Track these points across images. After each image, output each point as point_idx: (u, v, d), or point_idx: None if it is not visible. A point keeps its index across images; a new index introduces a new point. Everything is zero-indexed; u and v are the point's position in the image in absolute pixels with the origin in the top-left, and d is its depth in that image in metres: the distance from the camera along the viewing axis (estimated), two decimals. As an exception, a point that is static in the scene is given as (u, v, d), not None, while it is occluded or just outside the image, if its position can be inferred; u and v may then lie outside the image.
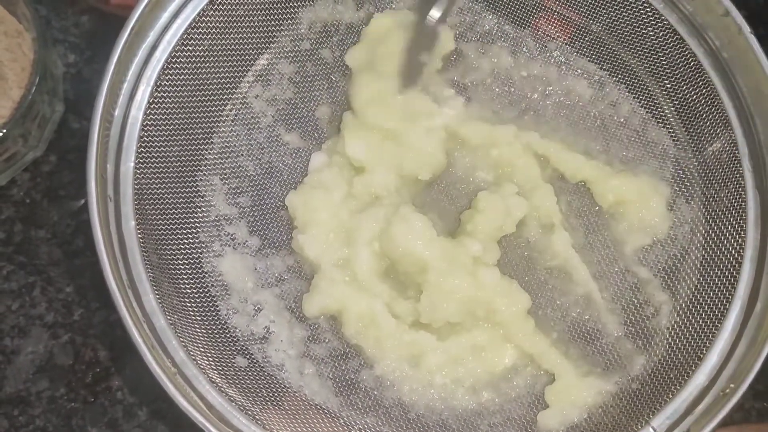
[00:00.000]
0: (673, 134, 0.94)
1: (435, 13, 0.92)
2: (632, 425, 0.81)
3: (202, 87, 0.90)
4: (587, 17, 0.96)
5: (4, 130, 0.90)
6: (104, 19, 1.02)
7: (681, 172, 0.93)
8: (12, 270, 0.96)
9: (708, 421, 0.77)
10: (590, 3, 0.95)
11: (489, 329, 0.87)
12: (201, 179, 0.91)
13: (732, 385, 0.79)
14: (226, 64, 0.92)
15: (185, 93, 0.89)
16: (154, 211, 0.85)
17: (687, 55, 0.91)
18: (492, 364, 0.87)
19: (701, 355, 0.82)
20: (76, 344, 0.94)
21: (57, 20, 1.03)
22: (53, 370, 0.93)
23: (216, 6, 0.88)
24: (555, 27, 0.97)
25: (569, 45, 0.97)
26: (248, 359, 0.86)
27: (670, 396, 0.81)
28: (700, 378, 0.81)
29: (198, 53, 0.89)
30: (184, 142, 0.89)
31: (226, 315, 0.87)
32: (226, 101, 0.93)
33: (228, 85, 0.93)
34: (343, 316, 0.87)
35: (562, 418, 0.84)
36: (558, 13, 0.96)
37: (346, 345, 0.87)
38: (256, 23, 0.93)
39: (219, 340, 0.85)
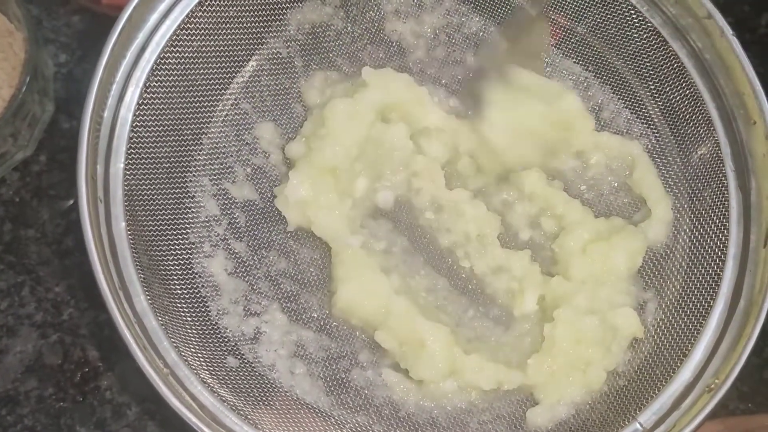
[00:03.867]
0: (658, 134, 0.95)
1: None
2: (619, 421, 0.82)
3: (191, 88, 0.90)
4: (572, 20, 0.96)
5: (-6, 130, 0.90)
6: (95, 19, 1.02)
7: (665, 171, 0.94)
8: (1, 269, 0.96)
9: (694, 416, 0.78)
10: (575, 5, 0.96)
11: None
12: (191, 180, 0.91)
13: (717, 380, 0.80)
14: (215, 65, 0.92)
15: (174, 94, 0.89)
16: (144, 213, 0.85)
17: (670, 57, 0.92)
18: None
19: (686, 352, 0.83)
20: (65, 344, 0.94)
21: (48, 20, 1.03)
22: (42, 369, 0.93)
23: (205, 7, 0.88)
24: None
25: (555, 47, 0.97)
26: (239, 359, 0.86)
27: (657, 392, 0.82)
28: (685, 374, 0.82)
29: (187, 54, 0.89)
30: (174, 143, 0.89)
31: (216, 316, 0.87)
32: (216, 102, 0.93)
33: (217, 86, 0.93)
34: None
35: (551, 415, 0.85)
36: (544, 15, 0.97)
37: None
38: (244, 25, 0.93)
39: (210, 341, 0.85)
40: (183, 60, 0.88)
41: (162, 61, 0.86)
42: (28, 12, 0.93)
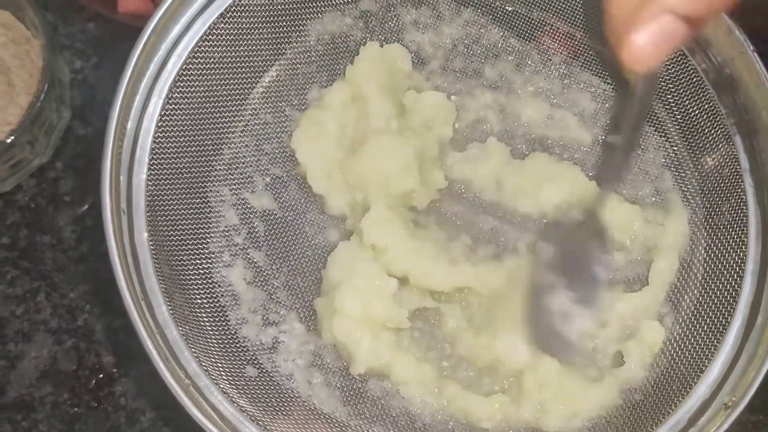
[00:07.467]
0: (675, 148, 0.95)
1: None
2: (635, 437, 0.83)
3: (212, 99, 0.91)
4: (590, 34, 0.96)
5: (13, 137, 0.90)
6: (111, 26, 1.02)
7: (682, 185, 0.94)
8: (17, 275, 0.96)
9: (710, 433, 0.79)
10: (593, 22, 0.95)
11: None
12: (211, 190, 0.91)
13: (734, 398, 0.80)
14: (236, 75, 0.92)
15: (196, 105, 0.89)
16: (165, 223, 0.86)
17: (689, 71, 0.92)
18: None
19: (703, 368, 0.83)
20: (79, 349, 0.94)
21: (63, 26, 1.03)
22: (57, 375, 0.93)
23: (226, 19, 0.89)
24: (559, 43, 0.97)
25: (573, 59, 0.97)
26: (258, 369, 0.86)
27: (673, 408, 0.82)
28: (702, 390, 0.82)
29: (208, 65, 0.89)
30: (195, 153, 0.89)
31: (235, 325, 0.87)
32: (237, 113, 0.93)
33: (238, 96, 0.93)
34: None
35: (567, 429, 0.85)
36: (561, 30, 0.97)
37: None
38: (265, 35, 0.93)
39: (229, 350, 0.86)
40: (205, 71, 0.89)
41: (184, 73, 0.87)
42: (45, 19, 0.93)
